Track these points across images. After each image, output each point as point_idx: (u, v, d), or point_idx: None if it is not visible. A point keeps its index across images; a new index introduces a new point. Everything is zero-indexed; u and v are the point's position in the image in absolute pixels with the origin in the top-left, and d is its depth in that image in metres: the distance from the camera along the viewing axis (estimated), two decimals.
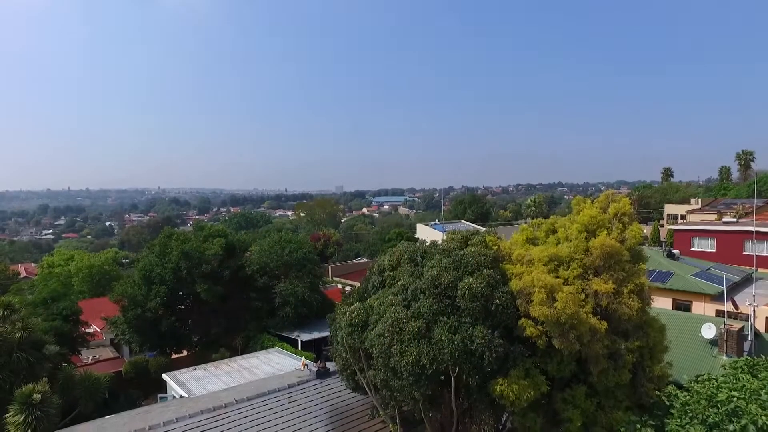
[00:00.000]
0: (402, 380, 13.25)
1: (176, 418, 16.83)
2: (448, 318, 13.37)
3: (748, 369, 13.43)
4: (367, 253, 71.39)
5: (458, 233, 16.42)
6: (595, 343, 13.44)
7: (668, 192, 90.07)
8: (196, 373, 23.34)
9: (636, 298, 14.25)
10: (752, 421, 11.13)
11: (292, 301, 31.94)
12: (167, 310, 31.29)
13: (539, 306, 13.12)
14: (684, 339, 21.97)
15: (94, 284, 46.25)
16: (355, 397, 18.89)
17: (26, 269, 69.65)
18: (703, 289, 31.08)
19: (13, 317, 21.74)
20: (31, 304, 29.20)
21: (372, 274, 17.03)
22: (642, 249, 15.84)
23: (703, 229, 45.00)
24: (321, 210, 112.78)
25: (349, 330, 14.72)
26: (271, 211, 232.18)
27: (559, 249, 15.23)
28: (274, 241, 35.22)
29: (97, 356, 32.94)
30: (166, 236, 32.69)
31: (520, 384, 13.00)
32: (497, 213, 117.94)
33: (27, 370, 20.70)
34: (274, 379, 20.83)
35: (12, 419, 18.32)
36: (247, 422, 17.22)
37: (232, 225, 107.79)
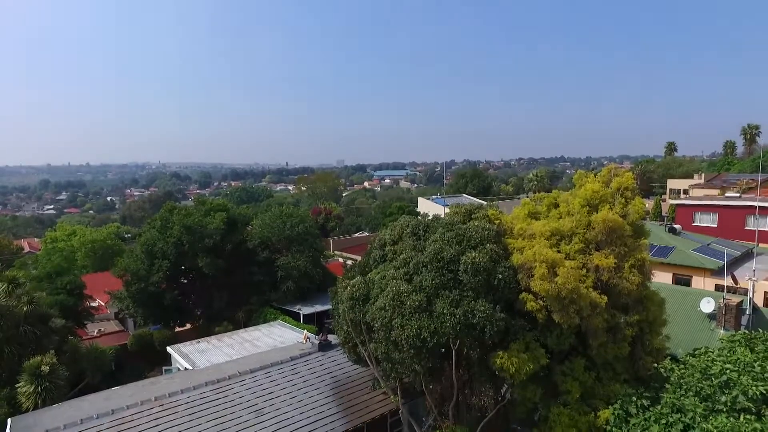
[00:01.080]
0: (403, 353, 13.40)
1: (181, 390, 17.12)
2: (449, 292, 13.43)
3: (745, 342, 13.56)
4: (368, 227, 71.53)
5: (461, 207, 16.36)
6: (595, 317, 13.53)
7: (671, 166, 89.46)
8: (199, 346, 23.66)
9: (637, 272, 14.27)
10: (743, 392, 11.29)
11: (294, 275, 32.15)
12: (170, 284, 31.55)
13: (540, 281, 13.15)
14: (683, 313, 22.14)
15: (97, 259, 46.52)
16: (357, 369, 19.18)
17: (29, 244, 69.99)
18: (703, 263, 31.15)
19: (18, 291, 21.95)
20: (35, 278, 29.44)
21: (373, 248, 17.05)
22: (644, 224, 15.78)
23: (705, 204, 44.86)
24: (322, 184, 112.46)
25: (350, 303, 14.82)
26: (272, 185, 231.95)
27: (560, 223, 15.19)
28: (276, 215, 35.22)
29: (102, 329, 33.38)
30: (168, 211, 32.68)
31: (520, 357, 13.15)
32: (499, 187, 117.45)
33: (34, 342, 21.03)
34: (277, 352, 21.10)
35: (22, 389, 18.73)
36: (250, 393, 17.53)
37: (233, 199, 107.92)
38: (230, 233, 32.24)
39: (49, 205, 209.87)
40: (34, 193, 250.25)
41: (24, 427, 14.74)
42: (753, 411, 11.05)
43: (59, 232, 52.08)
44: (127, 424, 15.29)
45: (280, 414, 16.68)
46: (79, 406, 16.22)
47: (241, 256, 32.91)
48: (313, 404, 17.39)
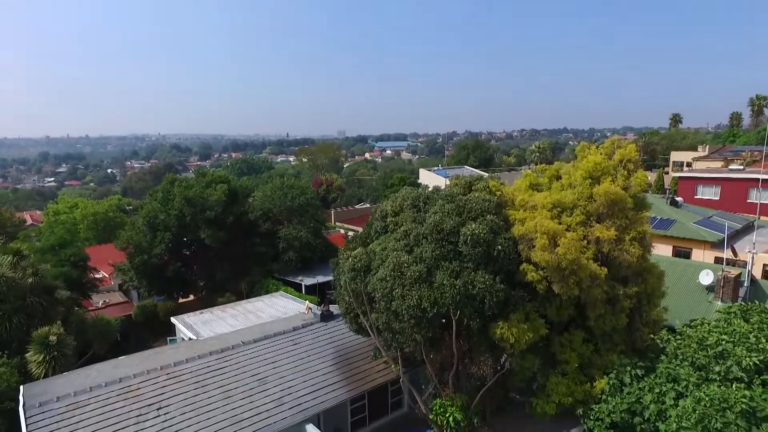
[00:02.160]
0: (404, 323, 13.59)
1: (186, 359, 17.45)
2: (450, 263, 13.51)
3: (741, 314, 13.72)
4: (369, 198, 71.52)
5: (461, 179, 16.30)
6: (595, 289, 13.65)
7: (675, 139, 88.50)
8: (203, 317, 24.00)
9: (637, 245, 14.32)
10: (737, 363, 11.49)
11: (295, 246, 32.33)
12: (172, 256, 31.77)
13: (541, 251, 13.21)
14: (682, 285, 22.31)
15: (99, 231, 46.72)
16: (358, 339, 19.48)
17: (32, 217, 70.18)
18: (703, 236, 31.22)
19: (23, 263, 22.15)
20: (39, 250, 29.61)
21: (374, 219, 17.08)
22: (645, 196, 15.74)
23: (707, 177, 44.69)
24: (323, 155, 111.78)
25: (352, 274, 14.94)
26: (273, 157, 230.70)
27: (562, 195, 15.15)
28: (277, 186, 35.16)
29: (107, 301, 33.83)
30: (169, 183, 32.63)
31: (520, 327, 13.33)
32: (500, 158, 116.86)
33: (41, 313, 21.35)
34: (279, 322, 21.40)
35: (32, 358, 19.17)
36: (254, 363, 17.87)
37: (234, 171, 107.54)
38: (232, 205, 32.27)
39: (50, 177, 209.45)
40: (34, 166, 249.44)
41: (36, 394, 15.11)
42: (745, 380, 11.28)
43: (61, 205, 52.18)
44: (135, 391, 15.66)
45: (284, 382, 17.06)
46: (87, 375, 16.59)
47: (242, 228, 33.02)
48: (316, 373, 17.76)
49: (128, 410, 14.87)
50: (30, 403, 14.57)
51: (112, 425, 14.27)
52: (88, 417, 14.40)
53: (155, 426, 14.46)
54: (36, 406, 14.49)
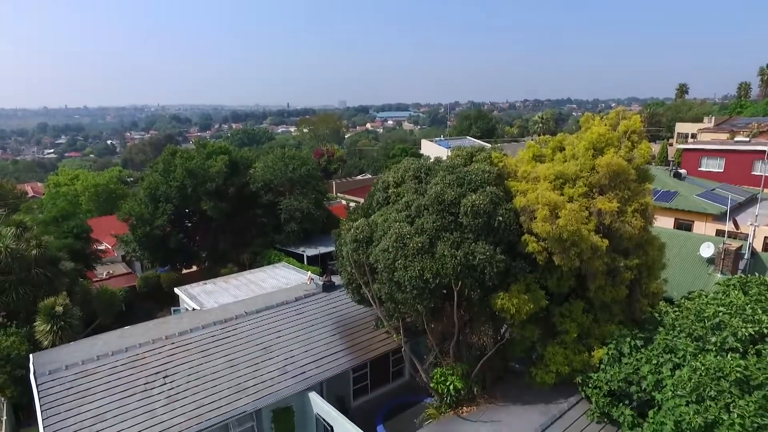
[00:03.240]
0: (405, 293, 13.71)
1: (191, 329, 17.71)
2: (451, 234, 13.54)
3: (740, 286, 13.79)
4: (371, 169, 71.19)
5: (463, 150, 16.16)
6: (596, 260, 13.70)
7: (681, 110, 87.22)
8: (206, 287, 24.23)
9: (639, 217, 14.29)
10: (733, 333, 11.63)
11: (297, 217, 32.39)
12: (174, 227, 31.89)
13: (542, 222, 13.20)
14: (682, 258, 22.40)
15: (101, 203, 46.78)
16: (360, 309, 19.72)
17: (33, 188, 70.15)
18: (705, 209, 31.16)
19: (26, 235, 22.27)
20: (42, 222, 29.73)
21: (376, 190, 17.03)
22: (649, 168, 15.62)
23: (712, 149, 44.22)
24: (324, 126, 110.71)
25: (354, 245, 14.99)
26: (274, 127, 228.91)
27: (565, 167, 15.04)
28: (278, 157, 34.97)
29: (111, 272, 34.13)
30: (170, 154, 32.45)
31: (521, 298, 13.44)
32: (503, 129, 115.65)
33: (46, 284, 21.61)
34: (282, 293, 21.61)
35: (39, 328, 19.51)
36: (257, 332, 18.14)
37: (234, 142, 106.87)
38: (233, 176, 32.19)
39: (49, 149, 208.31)
40: (33, 137, 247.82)
41: (45, 363, 15.42)
42: (740, 350, 11.44)
43: (62, 177, 52.07)
44: (141, 360, 15.97)
45: (287, 352, 17.36)
46: (94, 344, 16.87)
47: (244, 199, 33.02)
48: (319, 342, 18.06)
49: (135, 378, 15.19)
50: (40, 371, 14.89)
51: (121, 392, 14.61)
52: (96, 384, 14.74)
53: (162, 393, 14.81)
54: (46, 373, 14.81)
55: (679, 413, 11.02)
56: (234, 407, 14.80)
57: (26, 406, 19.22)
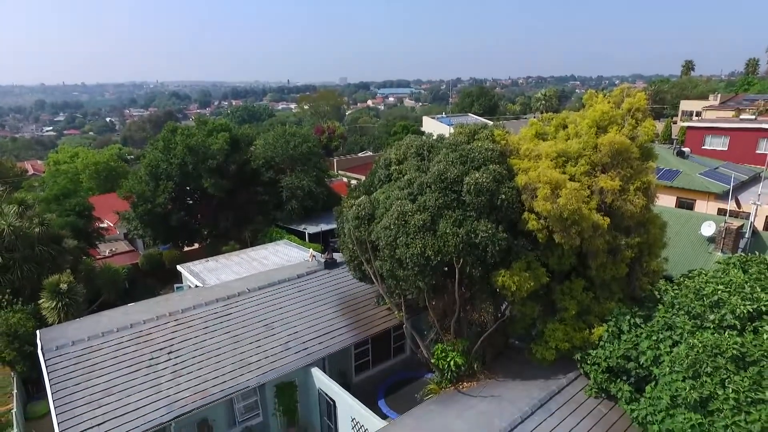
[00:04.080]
0: (407, 270, 13.79)
1: (194, 306, 17.90)
2: (453, 212, 13.54)
3: (740, 265, 13.84)
4: (372, 146, 70.78)
5: (466, 127, 16.03)
6: (597, 239, 13.72)
7: (686, 87, 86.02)
8: (208, 265, 24.39)
9: (641, 195, 14.24)
10: (731, 311, 11.73)
11: (298, 194, 32.41)
12: (176, 205, 31.93)
13: (543, 201, 13.18)
14: (683, 236, 22.44)
15: (102, 180, 46.77)
16: (362, 286, 19.88)
17: (33, 166, 70.01)
18: (708, 187, 31.10)
19: (29, 213, 22.35)
20: (44, 200, 29.82)
21: (378, 167, 16.96)
22: (652, 146, 15.50)
23: (716, 127, 43.84)
24: (325, 102, 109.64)
25: (355, 223, 15.02)
26: (274, 104, 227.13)
27: (568, 145, 14.93)
28: (279, 134, 34.79)
29: (114, 249, 34.34)
30: (170, 131, 32.26)
31: (522, 276, 13.51)
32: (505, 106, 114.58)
33: (50, 262, 21.78)
34: (284, 270, 21.75)
35: (45, 305, 19.75)
36: (260, 309, 18.34)
37: (234, 119, 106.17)
38: (233, 153, 32.07)
39: (48, 126, 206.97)
40: (31, 114, 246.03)
41: (52, 339, 15.64)
42: (737, 328, 11.56)
43: (62, 155, 51.97)
44: (145, 336, 16.20)
45: (290, 328, 17.57)
46: (98, 321, 17.09)
47: (245, 177, 32.99)
48: (321, 319, 18.27)
49: (141, 354, 15.43)
50: (48, 347, 15.13)
51: (127, 367, 14.87)
52: (103, 360, 14.99)
53: (167, 368, 15.05)
54: (54, 349, 15.04)
55: (676, 388, 11.21)
56: (238, 382, 15.07)
57: (35, 380, 19.62)
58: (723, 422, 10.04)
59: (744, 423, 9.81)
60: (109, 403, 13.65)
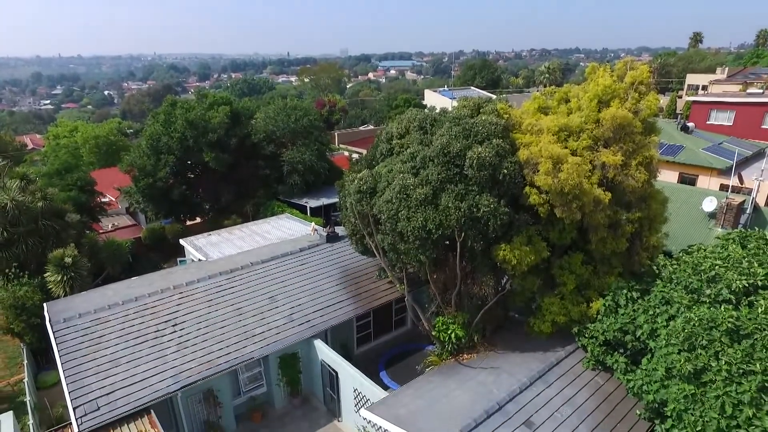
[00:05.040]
0: (409, 244, 13.90)
1: (197, 279, 18.12)
2: (455, 186, 13.55)
3: (740, 240, 13.89)
4: (373, 119, 70.19)
5: (469, 101, 15.89)
6: (598, 214, 13.76)
7: (693, 60, 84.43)
8: (210, 239, 24.54)
9: (643, 170, 14.21)
10: (728, 286, 11.86)
11: (300, 169, 32.34)
12: (177, 179, 31.92)
13: (544, 176, 13.18)
14: (684, 212, 22.46)
15: (102, 155, 46.58)
16: (364, 260, 20.07)
17: (32, 140, 69.59)
18: (711, 163, 30.95)
19: (31, 187, 22.37)
20: (45, 175, 29.78)
21: (380, 141, 16.90)
22: (655, 121, 15.38)
23: (721, 101, 43.21)
24: (325, 75, 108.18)
25: (357, 197, 15.06)
26: (274, 77, 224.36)
27: (570, 119, 14.83)
28: (280, 108, 34.47)
29: (116, 224, 34.48)
30: (170, 105, 31.98)
31: (522, 250, 13.61)
32: (508, 80, 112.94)
33: (54, 236, 21.93)
34: (286, 244, 21.91)
35: (51, 278, 19.99)
36: (263, 282, 18.57)
37: (234, 92, 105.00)
38: (234, 127, 31.86)
39: (46, 99, 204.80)
40: (28, 87, 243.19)
41: (59, 311, 15.90)
42: (733, 302, 11.71)
43: (61, 129, 51.57)
44: (151, 309, 16.46)
45: (293, 301, 17.83)
46: (104, 294, 17.33)
47: (246, 151, 32.86)
48: (323, 292, 18.51)
49: (146, 326, 15.72)
50: (55, 319, 15.40)
51: (134, 339, 15.17)
52: (110, 332, 15.28)
53: (173, 340, 15.36)
54: (61, 321, 15.32)
55: (671, 360, 11.44)
56: (242, 353, 15.39)
57: (43, 351, 20.03)
58: (715, 392, 10.28)
59: (735, 393, 10.05)
60: (117, 373, 13.99)
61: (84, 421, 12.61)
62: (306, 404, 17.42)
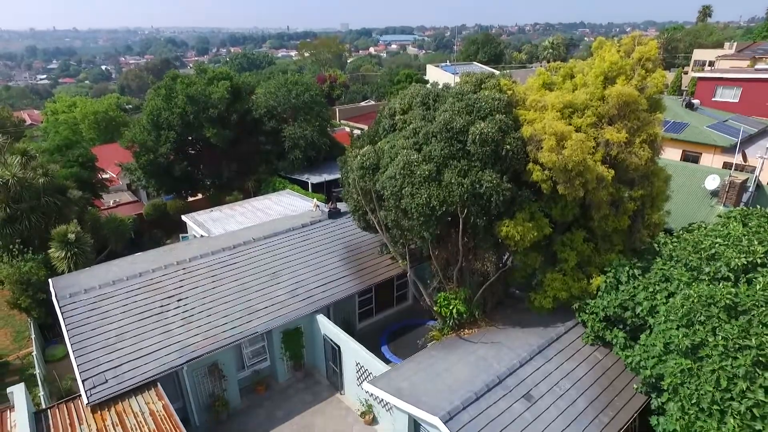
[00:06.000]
0: (412, 220, 13.94)
1: (201, 255, 18.22)
2: (458, 162, 13.52)
3: (741, 218, 13.92)
4: (374, 95, 69.37)
5: (472, 76, 15.71)
6: (600, 191, 13.76)
7: (701, 35, 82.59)
8: (213, 215, 24.57)
9: (647, 148, 14.15)
10: (726, 264, 11.94)
11: (301, 144, 32.18)
12: (178, 155, 31.80)
13: (548, 152, 13.12)
14: (686, 190, 22.41)
15: (101, 131, 46.30)
16: (366, 236, 20.15)
17: (30, 116, 69.05)
18: (715, 140, 30.68)
19: (32, 164, 22.31)
20: (46, 151, 29.66)
21: (382, 117, 16.78)
22: (661, 98, 15.21)
23: (728, 77, 42.46)
24: (326, 49, 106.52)
25: (360, 173, 15.03)
26: (274, 51, 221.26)
27: (574, 96, 14.69)
28: (280, 83, 34.09)
29: (118, 200, 34.55)
30: (171, 79, 31.59)
31: (525, 226, 13.66)
32: (511, 55, 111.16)
33: (56, 212, 21.97)
34: (288, 219, 21.95)
35: (54, 254, 20.12)
36: (265, 258, 18.68)
37: (233, 67, 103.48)
38: (235, 103, 31.57)
39: (42, 74, 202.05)
40: (23, 61, 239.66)
41: (64, 287, 16.06)
42: (731, 279, 11.81)
43: (59, 104, 51.10)
44: (155, 284, 16.62)
45: (295, 276, 17.98)
46: (108, 269, 17.47)
47: (247, 127, 32.64)
48: (325, 268, 18.65)
49: (151, 301, 15.90)
50: (61, 294, 15.57)
51: (139, 313, 15.37)
52: (115, 306, 15.47)
53: (177, 315, 15.56)
54: (67, 296, 15.49)
55: (669, 336, 11.61)
56: (246, 328, 15.60)
57: (50, 325, 20.33)
58: (711, 367, 10.47)
59: (730, 367, 10.24)
60: (124, 347, 14.22)
61: (93, 393, 12.89)
62: (309, 378, 17.75)
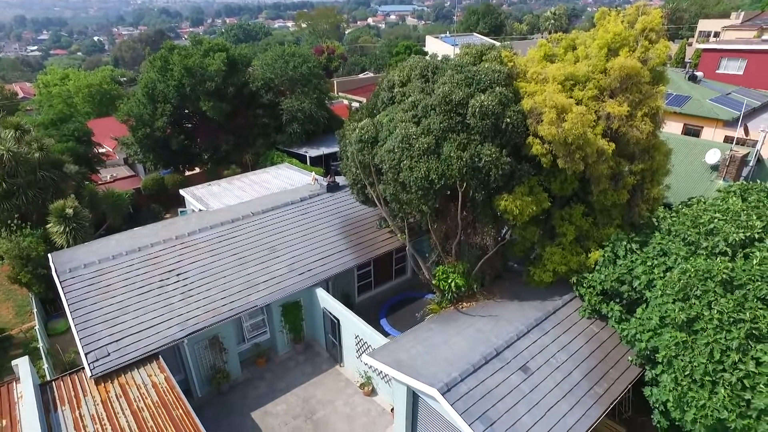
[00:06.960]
0: (411, 194, 13.89)
1: (199, 229, 18.22)
2: (457, 135, 13.38)
3: (740, 193, 13.86)
4: (373, 67, 68.31)
5: (473, 48, 15.39)
6: (601, 165, 13.65)
7: (707, 4, 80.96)
8: (211, 189, 24.45)
9: (649, 121, 13.98)
10: (724, 239, 11.96)
11: (299, 117, 31.84)
12: (175, 128, 31.45)
13: (548, 126, 12.97)
14: (686, 164, 22.27)
15: (96, 104, 45.63)
16: (364, 209, 20.14)
17: (22, 89, 67.90)
18: (717, 114, 30.35)
19: (27, 138, 22.03)
20: (40, 125, 29.25)
21: (381, 89, 16.54)
22: (664, 70, 14.93)
23: (733, 49, 41.67)
24: (323, 20, 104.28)
25: (359, 146, 14.90)
26: (270, 22, 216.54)
27: (576, 68, 14.41)
28: (278, 55, 33.47)
29: (115, 175, 34.33)
30: (168, 50, 30.95)
31: (524, 200, 13.62)
32: (512, 26, 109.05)
33: (53, 187, 21.82)
34: (287, 193, 21.88)
35: (53, 229, 20.10)
36: (264, 232, 18.70)
37: (229, 38, 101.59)
38: (231, 75, 31.02)
39: (32, 45, 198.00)
40: (12, 32, 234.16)
41: (64, 261, 16.08)
42: (729, 254, 11.85)
43: (51, 76, 50.14)
44: (154, 258, 16.66)
45: (294, 250, 18.03)
46: (107, 244, 17.47)
47: (244, 99, 32.19)
48: (325, 241, 18.68)
49: (151, 275, 15.97)
50: (61, 269, 15.61)
51: (139, 287, 15.45)
52: (115, 281, 15.54)
53: (177, 289, 15.65)
54: (67, 271, 15.54)
55: (665, 310, 11.72)
56: (246, 302, 15.72)
57: (51, 300, 20.47)
58: (705, 340, 10.61)
59: (724, 340, 10.38)
60: (125, 321, 14.36)
61: (96, 366, 13.07)
62: (309, 350, 18.00)
